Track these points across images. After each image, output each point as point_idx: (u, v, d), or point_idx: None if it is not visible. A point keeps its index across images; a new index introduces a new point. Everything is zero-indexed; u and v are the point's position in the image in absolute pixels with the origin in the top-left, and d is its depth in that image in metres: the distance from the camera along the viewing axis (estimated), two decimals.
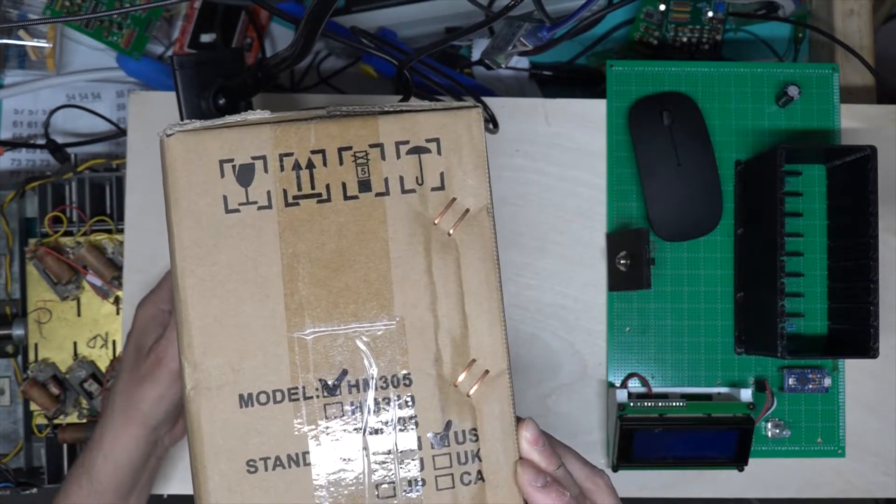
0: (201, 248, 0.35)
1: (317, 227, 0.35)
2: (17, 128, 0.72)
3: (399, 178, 0.36)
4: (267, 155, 0.35)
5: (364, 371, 0.35)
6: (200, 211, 0.35)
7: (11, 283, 0.62)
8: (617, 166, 0.59)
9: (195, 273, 0.35)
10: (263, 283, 0.35)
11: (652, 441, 0.54)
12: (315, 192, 0.35)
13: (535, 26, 0.45)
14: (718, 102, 0.59)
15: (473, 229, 0.36)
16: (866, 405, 0.58)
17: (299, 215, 0.35)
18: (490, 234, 0.36)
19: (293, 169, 0.35)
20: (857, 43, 0.65)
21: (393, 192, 0.36)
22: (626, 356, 0.58)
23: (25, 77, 0.71)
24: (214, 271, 0.35)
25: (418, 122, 0.36)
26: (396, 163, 0.36)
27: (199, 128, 0.35)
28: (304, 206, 0.35)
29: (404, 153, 0.36)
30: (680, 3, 0.67)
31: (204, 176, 0.35)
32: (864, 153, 0.54)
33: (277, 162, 0.35)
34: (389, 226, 0.36)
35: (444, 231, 0.36)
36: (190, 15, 0.68)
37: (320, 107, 0.36)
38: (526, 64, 0.69)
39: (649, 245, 0.54)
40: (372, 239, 0.36)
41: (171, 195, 0.35)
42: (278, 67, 0.45)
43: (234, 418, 0.34)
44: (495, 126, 0.57)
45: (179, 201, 0.35)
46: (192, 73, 0.50)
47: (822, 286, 0.58)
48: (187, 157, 0.35)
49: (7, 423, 0.62)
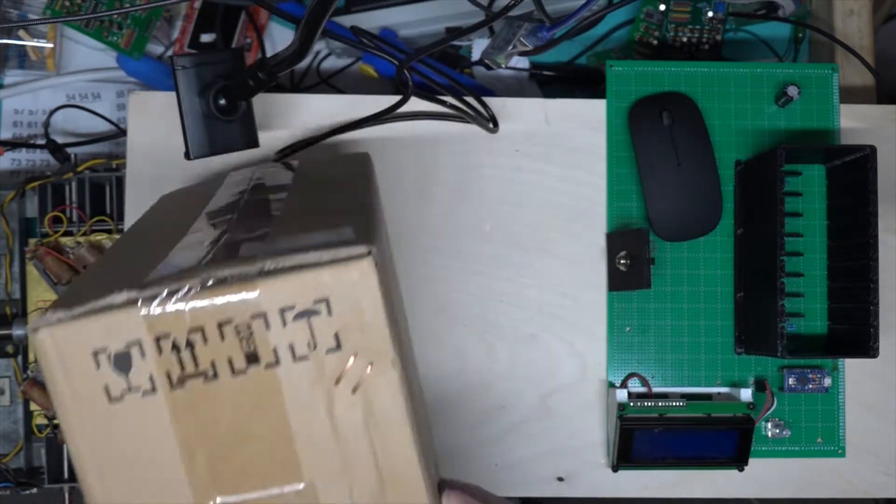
0: (93, 438, 0.33)
1: (209, 407, 0.33)
2: (17, 128, 0.72)
3: (289, 346, 0.33)
4: (142, 339, 0.32)
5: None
6: (83, 404, 0.32)
7: (11, 283, 0.62)
8: (617, 166, 0.59)
9: (92, 460, 0.33)
10: (163, 467, 0.33)
11: (652, 441, 0.54)
12: (200, 371, 0.33)
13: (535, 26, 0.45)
14: (718, 102, 0.59)
15: (379, 384, 0.34)
16: (866, 405, 0.58)
17: (188, 396, 0.33)
18: (398, 385, 0.34)
19: (172, 350, 0.32)
20: (857, 43, 0.65)
21: (284, 362, 0.33)
22: (626, 356, 0.58)
23: (25, 77, 0.71)
24: (112, 458, 0.33)
25: (304, 283, 0.32)
26: (283, 331, 0.33)
27: (67, 318, 0.32)
28: (192, 387, 0.33)
29: (291, 319, 0.33)
30: (680, 3, 0.67)
31: (80, 368, 0.32)
32: (863, 153, 0.54)
33: (154, 346, 0.32)
34: (286, 396, 0.33)
35: (347, 391, 0.34)
36: (190, 15, 0.68)
37: (194, 270, 0.33)
38: (526, 64, 0.69)
39: (649, 245, 0.54)
40: (269, 410, 0.33)
41: (52, 389, 0.33)
42: (278, 67, 0.45)
43: None
44: (495, 126, 0.57)
45: (62, 396, 0.32)
46: (192, 74, 0.50)
47: (822, 286, 0.58)
48: (59, 350, 0.32)
49: (7, 423, 0.62)
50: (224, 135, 0.51)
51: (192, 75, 0.50)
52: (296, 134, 0.57)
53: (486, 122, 0.56)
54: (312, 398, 0.33)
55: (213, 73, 0.50)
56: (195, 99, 0.50)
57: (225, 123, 0.51)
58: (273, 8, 0.51)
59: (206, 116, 0.50)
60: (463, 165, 0.58)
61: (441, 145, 0.58)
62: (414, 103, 0.56)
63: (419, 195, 0.58)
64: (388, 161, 0.58)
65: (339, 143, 0.58)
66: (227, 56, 0.51)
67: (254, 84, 0.48)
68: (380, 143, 0.58)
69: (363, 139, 0.58)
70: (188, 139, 0.50)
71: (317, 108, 0.58)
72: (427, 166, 0.58)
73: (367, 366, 0.34)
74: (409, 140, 0.58)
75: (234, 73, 0.50)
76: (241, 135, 0.52)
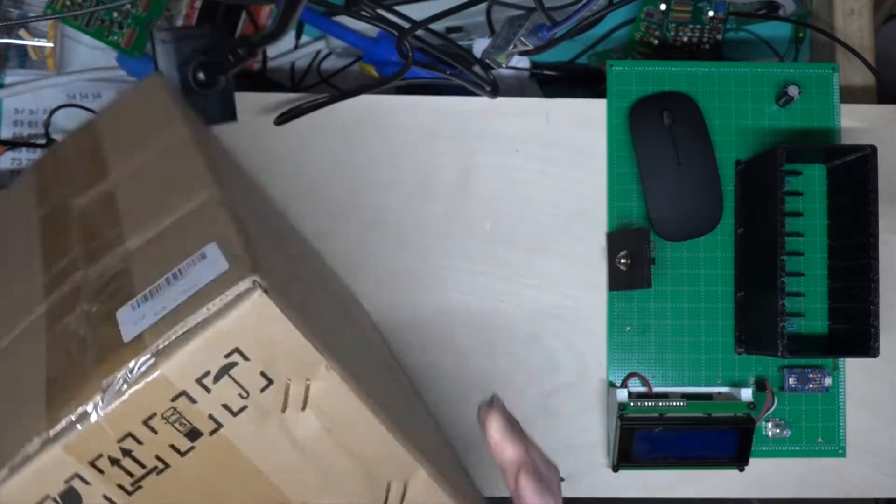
0: None
1: (175, 492, 0.32)
2: (18, 127, 0.72)
3: (223, 406, 0.32)
4: (77, 471, 0.31)
5: None
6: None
7: None
8: (617, 166, 0.59)
9: None
10: None
11: (652, 441, 0.54)
12: (149, 468, 0.32)
13: (536, 26, 0.45)
14: (719, 102, 0.59)
15: (324, 390, 0.33)
16: (866, 405, 0.58)
17: (150, 493, 0.32)
18: (342, 383, 0.33)
19: (113, 466, 0.31)
20: (858, 43, 0.65)
21: (226, 422, 0.32)
22: (626, 356, 0.58)
23: (26, 77, 0.70)
24: None
25: (206, 346, 0.31)
26: (210, 397, 0.31)
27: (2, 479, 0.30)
28: (150, 484, 0.32)
29: (212, 384, 0.31)
30: (681, 3, 0.67)
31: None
32: (864, 153, 0.54)
33: (93, 470, 0.31)
34: (242, 449, 0.33)
35: (297, 413, 0.33)
36: (190, 14, 0.68)
37: (82, 376, 0.31)
38: (526, 63, 0.69)
39: (650, 244, 0.54)
40: (232, 467, 0.33)
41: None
42: (259, 44, 0.46)
43: None
44: (495, 91, 0.56)
45: None
46: (172, 48, 0.50)
47: (822, 286, 0.58)
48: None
49: None
50: (202, 108, 0.51)
51: (172, 49, 0.50)
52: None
53: (485, 88, 0.56)
54: (267, 436, 0.33)
55: (192, 47, 0.50)
56: (174, 73, 0.50)
57: (203, 98, 0.51)
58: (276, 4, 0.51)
59: (186, 90, 0.50)
60: (463, 165, 0.58)
61: (441, 144, 0.58)
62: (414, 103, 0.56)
63: (419, 195, 0.58)
64: (388, 161, 0.58)
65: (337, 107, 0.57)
66: (207, 31, 0.52)
67: (234, 59, 0.48)
68: (380, 142, 0.58)
69: (363, 139, 0.58)
70: None
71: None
72: (427, 166, 0.58)
73: (305, 382, 0.33)
74: (409, 139, 0.58)
75: (215, 49, 0.51)
76: (219, 108, 0.52)
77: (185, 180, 0.39)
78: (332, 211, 0.57)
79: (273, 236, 0.43)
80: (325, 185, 0.57)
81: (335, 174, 0.57)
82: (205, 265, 0.32)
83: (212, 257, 0.32)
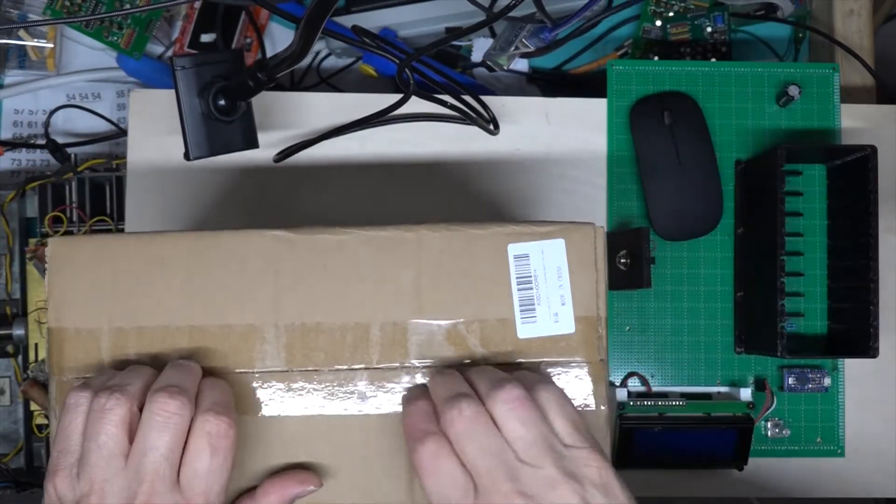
0: None
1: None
2: (18, 128, 0.72)
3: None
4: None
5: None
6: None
7: (11, 283, 0.62)
8: (617, 166, 0.59)
9: None
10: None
11: (651, 440, 0.55)
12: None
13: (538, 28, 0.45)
14: (719, 102, 0.59)
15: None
16: (866, 405, 0.58)
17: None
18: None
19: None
20: (857, 43, 0.65)
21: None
22: (625, 355, 0.58)
23: (25, 77, 0.71)
24: None
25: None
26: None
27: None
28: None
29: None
30: (677, 26, 0.66)
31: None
32: (864, 153, 0.54)
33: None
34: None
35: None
36: (190, 15, 0.68)
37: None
38: (525, 67, 0.69)
39: (650, 244, 0.54)
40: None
41: None
42: (278, 68, 0.45)
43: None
44: (496, 128, 0.57)
45: None
46: (192, 74, 0.50)
47: (822, 286, 0.58)
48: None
49: (7, 423, 0.62)
50: (224, 135, 0.51)
51: (192, 75, 0.50)
52: (296, 134, 0.57)
53: (486, 124, 0.56)
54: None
55: (212, 73, 0.50)
56: (195, 99, 0.50)
57: (225, 124, 0.51)
58: (273, 8, 0.51)
59: (206, 117, 0.50)
60: (463, 165, 0.58)
61: (441, 144, 0.58)
62: (414, 104, 0.56)
63: (419, 194, 0.58)
64: (387, 160, 0.58)
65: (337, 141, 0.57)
66: (226, 56, 0.51)
67: (253, 84, 0.48)
68: (380, 142, 0.58)
69: (363, 140, 0.58)
70: (188, 140, 0.50)
71: (317, 106, 0.58)
72: (427, 165, 0.58)
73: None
74: (408, 139, 0.58)
75: (234, 74, 0.50)
76: (240, 135, 0.52)
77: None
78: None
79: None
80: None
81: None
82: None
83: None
